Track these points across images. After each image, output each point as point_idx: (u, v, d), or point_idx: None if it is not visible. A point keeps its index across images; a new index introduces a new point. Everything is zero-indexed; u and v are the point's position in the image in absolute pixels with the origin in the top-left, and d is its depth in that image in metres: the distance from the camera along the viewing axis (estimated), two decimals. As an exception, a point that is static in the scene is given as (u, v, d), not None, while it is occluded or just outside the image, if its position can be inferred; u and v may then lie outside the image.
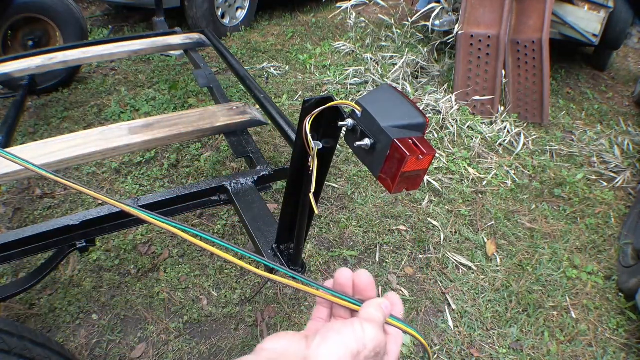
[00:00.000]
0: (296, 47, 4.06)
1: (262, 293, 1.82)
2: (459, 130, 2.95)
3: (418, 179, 0.62)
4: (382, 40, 4.07)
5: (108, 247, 1.93)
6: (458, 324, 1.80)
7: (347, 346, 0.41)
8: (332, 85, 3.40)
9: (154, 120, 1.50)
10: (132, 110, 2.90)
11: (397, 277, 1.96)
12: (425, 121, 0.63)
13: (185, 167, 2.44)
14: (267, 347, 0.43)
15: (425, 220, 2.26)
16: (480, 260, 2.08)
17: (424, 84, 3.44)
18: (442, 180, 2.55)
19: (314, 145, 0.62)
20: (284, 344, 0.43)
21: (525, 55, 3.20)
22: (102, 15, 4.60)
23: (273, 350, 0.42)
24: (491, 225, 2.30)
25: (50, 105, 2.90)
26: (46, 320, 1.65)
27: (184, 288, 1.81)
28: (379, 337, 0.44)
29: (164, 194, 1.27)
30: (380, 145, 0.61)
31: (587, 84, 4.15)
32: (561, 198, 2.57)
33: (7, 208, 2.12)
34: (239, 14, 4.27)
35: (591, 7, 3.44)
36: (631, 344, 1.83)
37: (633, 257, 2.12)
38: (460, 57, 3.20)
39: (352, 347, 0.41)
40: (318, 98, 0.63)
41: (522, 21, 3.19)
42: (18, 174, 1.20)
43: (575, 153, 3.00)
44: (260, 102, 1.71)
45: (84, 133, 1.42)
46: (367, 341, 0.42)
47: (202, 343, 1.63)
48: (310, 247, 2.04)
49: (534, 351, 1.74)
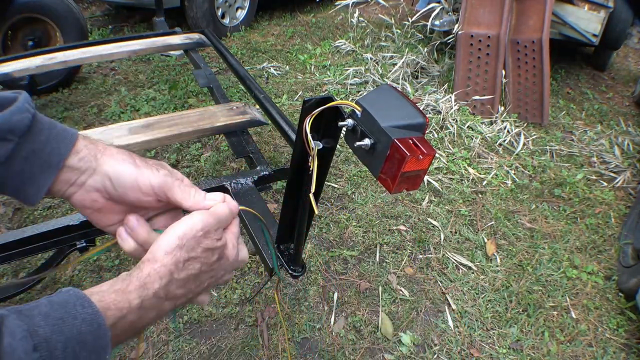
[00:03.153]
0: (296, 47, 4.06)
1: (262, 293, 1.82)
2: (459, 130, 2.95)
3: (418, 179, 0.62)
4: (382, 40, 4.07)
5: (108, 247, 1.93)
6: (458, 324, 1.80)
7: (176, 232, 0.50)
8: (332, 85, 3.40)
9: (154, 120, 1.50)
10: (132, 110, 2.90)
11: (397, 277, 1.96)
12: (425, 121, 0.63)
13: (185, 167, 2.44)
14: None
15: (425, 220, 2.26)
16: (480, 260, 2.08)
17: (424, 84, 3.44)
18: (442, 180, 2.55)
19: (314, 145, 0.62)
20: None
21: (525, 55, 3.20)
22: (102, 15, 4.60)
23: None
24: (491, 225, 2.30)
25: (50, 105, 2.90)
26: (46, 320, 1.64)
27: (184, 288, 1.81)
28: (206, 219, 0.52)
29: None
30: (380, 145, 0.61)
31: (587, 84, 4.16)
32: (561, 198, 2.57)
33: (7, 208, 2.12)
34: (239, 14, 4.27)
35: (591, 7, 3.44)
36: (631, 344, 1.83)
37: (633, 257, 2.12)
38: (460, 57, 3.20)
39: (178, 231, 0.50)
40: (318, 98, 0.63)
41: (522, 21, 3.19)
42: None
43: (575, 153, 3.00)
44: (260, 102, 1.70)
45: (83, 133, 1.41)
46: (194, 222, 0.51)
47: (202, 343, 1.63)
48: (310, 247, 2.04)
49: (534, 351, 1.74)
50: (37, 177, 0.49)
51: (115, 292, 0.45)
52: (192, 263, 0.50)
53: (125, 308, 0.45)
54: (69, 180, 0.52)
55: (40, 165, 0.49)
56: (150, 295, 0.47)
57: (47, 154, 0.49)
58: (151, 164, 0.54)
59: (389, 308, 1.83)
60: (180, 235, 0.50)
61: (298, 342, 1.67)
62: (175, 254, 0.49)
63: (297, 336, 1.68)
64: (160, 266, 0.48)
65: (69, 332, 0.38)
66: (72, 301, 0.40)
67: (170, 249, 0.49)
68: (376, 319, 1.78)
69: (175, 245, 0.49)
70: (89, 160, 0.51)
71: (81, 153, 0.51)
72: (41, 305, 0.39)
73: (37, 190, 0.50)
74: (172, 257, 0.49)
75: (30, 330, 0.36)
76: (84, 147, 0.51)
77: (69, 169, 0.51)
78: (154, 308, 0.48)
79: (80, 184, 0.52)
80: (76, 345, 0.38)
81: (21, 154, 0.48)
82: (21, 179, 0.49)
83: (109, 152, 0.53)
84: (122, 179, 0.52)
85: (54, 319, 0.38)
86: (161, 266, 0.48)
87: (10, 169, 0.48)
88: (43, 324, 0.37)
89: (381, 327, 1.75)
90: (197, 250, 0.50)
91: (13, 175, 0.48)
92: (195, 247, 0.50)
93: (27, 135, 0.48)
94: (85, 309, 0.40)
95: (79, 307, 0.40)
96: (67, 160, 0.50)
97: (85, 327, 0.39)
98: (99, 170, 0.52)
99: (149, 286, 0.47)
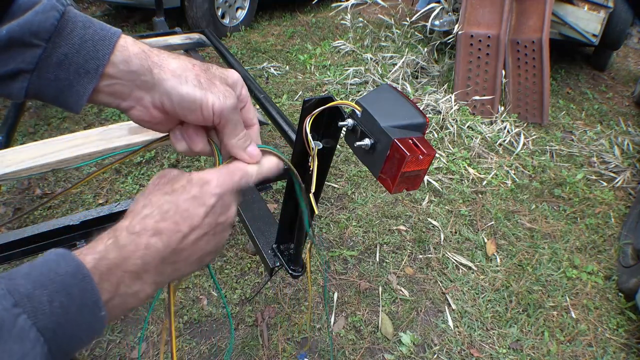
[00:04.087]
0: (296, 47, 4.06)
1: (262, 293, 1.82)
2: (459, 130, 2.95)
3: (418, 179, 0.62)
4: (382, 40, 4.07)
5: (108, 247, 1.93)
6: (458, 324, 1.80)
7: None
8: (332, 85, 3.40)
9: (154, 120, 1.49)
10: (132, 110, 2.90)
11: (397, 277, 1.96)
12: (426, 121, 0.63)
13: (185, 167, 2.44)
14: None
15: (425, 220, 2.26)
16: (480, 260, 2.08)
17: (424, 84, 3.44)
18: (442, 180, 2.55)
19: (314, 145, 0.62)
20: None
21: (525, 55, 3.20)
22: (102, 15, 4.60)
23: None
24: (491, 225, 2.30)
25: (50, 106, 2.89)
26: (46, 320, 1.65)
27: (184, 288, 1.81)
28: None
29: (164, 194, 1.27)
30: (381, 145, 0.61)
31: (587, 84, 4.16)
32: (561, 198, 2.57)
33: (7, 208, 2.12)
34: (239, 14, 4.27)
35: (591, 7, 3.44)
36: (631, 344, 1.83)
37: (633, 257, 2.12)
38: (460, 57, 3.20)
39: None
40: (318, 98, 0.63)
41: (522, 21, 3.19)
42: (18, 173, 1.20)
43: (575, 153, 3.00)
44: (260, 102, 1.70)
45: (84, 133, 1.42)
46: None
47: (202, 343, 1.63)
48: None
49: (534, 351, 1.74)
50: (74, 85, 0.44)
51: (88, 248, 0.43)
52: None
53: (101, 250, 0.42)
54: (121, 92, 0.47)
55: (76, 71, 0.44)
56: (124, 234, 0.43)
57: (83, 58, 0.43)
58: (219, 85, 0.50)
59: (389, 308, 1.83)
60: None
61: (298, 342, 1.67)
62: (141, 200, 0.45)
63: (297, 336, 1.68)
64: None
65: (52, 287, 0.36)
66: (53, 258, 0.38)
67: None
68: (376, 319, 1.78)
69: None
70: (143, 73, 0.46)
71: (132, 64, 0.46)
72: (22, 268, 0.36)
73: (77, 99, 0.45)
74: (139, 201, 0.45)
75: (10, 288, 0.34)
76: (134, 57, 0.46)
77: (115, 78, 0.46)
78: (133, 244, 0.42)
79: (138, 98, 0.48)
80: (63, 299, 0.36)
81: (52, 60, 0.43)
82: (57, 86, 0.44)
83: (168, 66, 0.48)
84: (186, 101, 0.47)
85: (35, 276, 0.36)
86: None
87: (43, 77, 0.43)
88: (23, 282, 0.35)
89: (381, 327, 1.75)
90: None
91: (47, 83, 0.44)
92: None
93: (56, 37, 0.42)
94: (67, 263, 0.38)
95: (61, 262, 0.38)
96: (109, 68, 0.45)
97: (69, 279, 0.37)
98: (158, 87, 0.47)
99: (118, 230, 0.43)
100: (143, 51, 0.47)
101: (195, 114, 0.48)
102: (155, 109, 0.49)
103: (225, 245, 0.49)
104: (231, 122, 0.50)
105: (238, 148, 0.51)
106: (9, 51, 0.42)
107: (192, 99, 0.47)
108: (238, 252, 1.97)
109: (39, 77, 0.43)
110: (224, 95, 0.49)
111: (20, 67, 0.42)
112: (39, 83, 0.44)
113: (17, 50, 0.42)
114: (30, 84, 0.43)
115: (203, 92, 0.47)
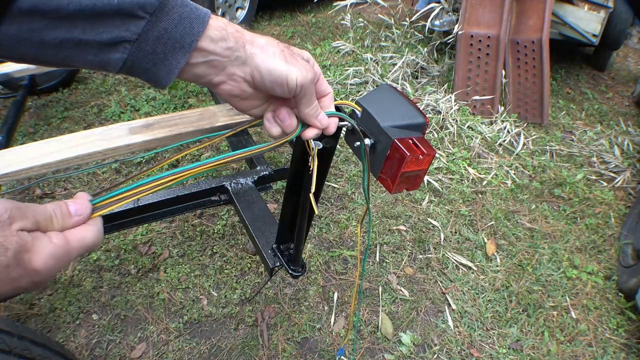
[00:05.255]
0: (296, 47, 4.06)
1: (262, 293, 1.82)
2: (459, 130, 2.95)
3: (418, 179, 0.62)
4: (382, 40, 4.07)
5: (108, 247, 1.93)
6: (458, 324, 1.80)
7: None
8: (332, 85, 3.40)
9: (154, 120, 1.50)
10: (132, 110, 2.90)
11: (397, 277, 1.96)
12: (426, 121, 0.63)
13: (185, 167, 2.44)
14: None
15: (425, 220, 2.26)
16: (480, 260, 2.08)
17: (424, 84, 3.44)
18: (442, 180, 2.55)
19: (314, 145, 0.62)
20: None
21: (525, 55, 3.20)
22: (102, 15, 4.60)
23: None
24: (491, 225, 2.30)
25: (50, 105, 2.89)
26: (46, 320, 1.65)
27: (184, 288, 1.81)
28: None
29: (164, 194, 1.27)
30: (381, 145, 0.61)
31: (587, 84, 4.16)
32: (561, 198, 2.57)
33: (7, 208, 2.12)
34: (239, 14, 4.27)
35: (591, 7, 3.44)
36: (631, 344, 1.83)
37: (633, 257, 2.12)
38: (460, 57, 3.20)
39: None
40: (318, 98, 0.63)
41: (522, 21, 3.19)
42: (18, 174, 1.20)
43: (575, 153, 3.00)
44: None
45: (84, 133, 1.42)
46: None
47: (202, 343, 1.63)
48: (310, 247, 2.04)
49: (534, 351, 1.74)
50: (169, 58, 0.47)
51: None
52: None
53: None
54: (215, 67, 0.50)
55: (172, 45, 0.46)
56: None
57: (180, 33, 0.46)
58: (299, 60, 0.54)
59: (389, 308, 1.83)
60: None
61: (298, 342, 1.67)
62: None
63: (297, 336, 1.68)
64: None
65: None
66: None
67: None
68: (376, 319, 1.78)
69: None
70: (237, 49, 0.50)
71: (230, 41, 0.49)
72: None
73: (168, 72, 0.48)
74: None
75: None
76: (230, 35, 0.50)
77: (209, 53, 0.49)
78: None
79: (230, 74, 0.52)
80: None
81: (153, 33, 0.45)
82: (152, 59, 0.47)
83: (258, 42, 0.52)
84: (274, 74, 0.51)
85: None
86: None
87: (142, 49, 0.46)
88: None
89: (381, 327, 1.75)
90: None
91: (144, 56, 0.46)
92: None
93: (159, 12, 0.45)
94: None
95: None
96: (203, 42, 0.48)
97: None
98: (249, 62, 0.51)
99: None
100: (237, 30, 0.51)
101: (281, 86, 0.52)
102: (245, 82, 0.53)
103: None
104: (308, 94, 0.55)
105: (311, 116, 0.57)
106: (115, 20, 0.43)
107: (279, 73, 0.51)
108: (238, 252, 1.97)
109: (138, 49, 0.46)
110: (306, 69, 0.53)
111: (124, 35, 0.44)
112: (137, 55, 0.46)
113: (122, 20, 0.44)
114: (129, 55, 0.46)
115: (288, 66, 0.52)
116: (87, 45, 0.43)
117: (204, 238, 2.01)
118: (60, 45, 0.43)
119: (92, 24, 0.42)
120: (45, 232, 0.40)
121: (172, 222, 2.07)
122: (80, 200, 0.45)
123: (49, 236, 0.39)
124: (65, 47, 0.43)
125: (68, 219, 0.42)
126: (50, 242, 0.39)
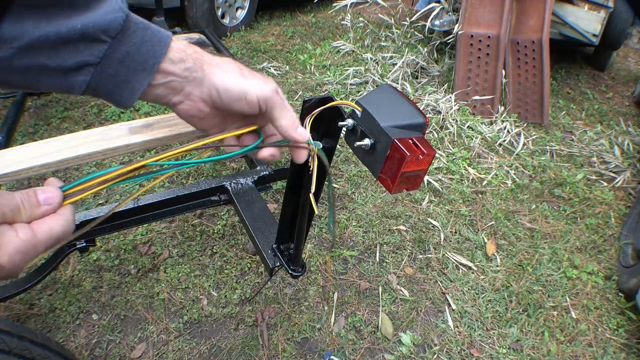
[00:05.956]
0: (296, 47, 4.06)
1: (262, 293, 1.82)
2: (459, 130, 2.95)
3: (418, 179, 0.62)
4: (382, 40, 4.07)
5: (108, 247, 1.93)
6: (458, 324, 1.80)
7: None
8: (332, 85, 3.40)
9: (154, 120, 1.49)
10: (132, 110, 2.90)
11: (397, 277, 1.96)
12: (426, 121, 0.63)
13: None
14: None
15: (425, 220, 2.26)
16: (480, 260, 2.08)
17: (424, 84, 3.44)
18: (442, 180, 2.55)
19: (314, 145, 0.62)
20: None
21: (525, 55, 3.20)
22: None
23: None
24: (491, 225, 2.30)
25: (50, 105, 2.89)
26: (46, 320, 1.65)
27: (184, 288, 1.81)
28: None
29: (164, 194, 1.27)
30: (380, 145, 0.61)
31: (587, 84, 4.16)
32: (561, 198, 2.57)
33: (7, 208, 2.12)
34: (239, 14, 4.27)
35: (591, 7, 3.44)
36: (631, 344, 1.83)
37: (633, 257, 2.12)
38: (460, 57, 3.20)
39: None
40: (318, 98, 0.63)
41: (522, 21, 3.19)
42: (18, 174, 1.20)
43: (575, 153, 3.00)
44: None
45: (84, 133, 1.41)
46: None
47: (202, 343, 1.63)
48: (310, 247, 2.04)
49: (534, 351, 1.74)
50: (131, 80, 0.48)
51: None
52: None
53: None
54: (174, 88, 0.51)
55: (135, 68, 0.47)
56: None
57: (142, 56, 0.47)
58: (258, 75, 0.54)
59: (389, 308, 1.83)
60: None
61: (298, 342, 1.67)
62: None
63: (297, 336, 1.68)
64: None
65: None
66: None
67: None
68: (376, 319, 1.78)
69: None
70: (195, 70, 0.50)
71: (187, 62, 0.50)
72: None
73: (130, 93, 0.49)
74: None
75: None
76: (188, 56, 0.50)
77: (169, 74, 0.50)
78: None
79: (187, 94, 0.52)
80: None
81: (115, 56, 0.46)
82: (115, 82, 0.47)
83: (215, 62, 0.52)
84: (232, 91, 0.51)
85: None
86: None
87: (104, 72, 0.46)
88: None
89: (381, 327, 1.75)
90: None
91: (107, 78, 0.47)
92: None
93: (121, 35, 0.46)
94: None
95: None
96: (164, 64, 0.49)
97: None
98: (206, 81, 0.51)
99: None
100: (196, 52, 0.52)
101: (240, 102, 0.52)
102: (203, 102, 0.53)
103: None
104: (277, 105, 0.54)
105: (289, 129, 0.55)
106: (79, 45, 0.44)
107: (237, 88, 0.51)
108: (238, 252, 1.96)
109: (101, 72, 0.46)
110: (264, 82, 0.53)
111: (87, 59, 0.45)
112: (99, 77, 0.47)
113: (86, 45, 0.44)
114: (92, 78, 0.46)
115: (246, 80, 0.52)
116: (53, 71, 0.44)
117: (204, 238, 2.01)
118: (27, 71, 0.43)
119: (57, 50, 0.43)
120: (12, 224, 0.39)
121: (172, 222, 2.07)
122: (50, 187, 0.43)
123: (15, 229, 0.38)
124: (32, 72, 0.44)
125: (36, 209, 0.41)
126: (16, 237, 0.38)
